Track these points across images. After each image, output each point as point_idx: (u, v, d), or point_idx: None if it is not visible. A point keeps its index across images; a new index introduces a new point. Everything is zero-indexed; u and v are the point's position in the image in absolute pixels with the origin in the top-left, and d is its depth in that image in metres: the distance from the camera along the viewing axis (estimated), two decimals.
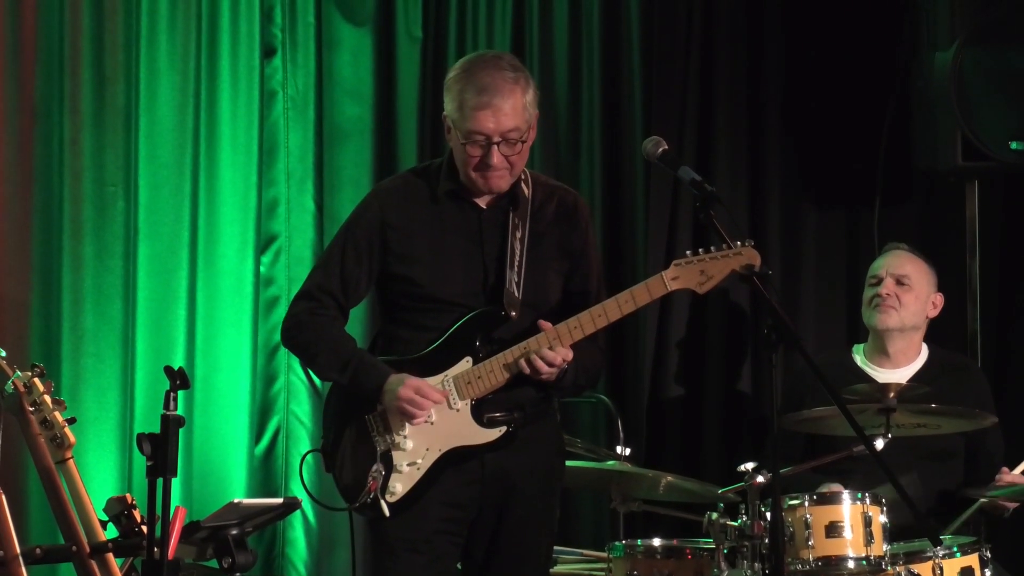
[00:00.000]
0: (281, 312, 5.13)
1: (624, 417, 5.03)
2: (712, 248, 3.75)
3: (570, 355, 3.77)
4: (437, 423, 3.77)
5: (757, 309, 5.48)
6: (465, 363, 3.79)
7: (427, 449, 3.77)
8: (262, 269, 5.34)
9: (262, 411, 5.34)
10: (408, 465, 3.76)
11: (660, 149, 3.79)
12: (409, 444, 3.77)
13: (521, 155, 3.80)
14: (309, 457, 4.06)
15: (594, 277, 3.97)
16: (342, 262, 3.88)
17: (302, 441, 5.34)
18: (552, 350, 3.74)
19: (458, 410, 3.78)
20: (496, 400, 3.80)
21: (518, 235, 3.83)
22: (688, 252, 3.81)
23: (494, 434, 3.78)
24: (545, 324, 3.79)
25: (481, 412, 3.80)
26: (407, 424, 3.77)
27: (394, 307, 3.90)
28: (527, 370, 3.76)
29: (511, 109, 3.73)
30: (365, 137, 5.50)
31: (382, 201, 3.91)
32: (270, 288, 5.37)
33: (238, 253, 5.27)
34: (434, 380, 3.79)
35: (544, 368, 3.76)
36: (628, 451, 4.72)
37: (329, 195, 5.46)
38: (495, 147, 3.74)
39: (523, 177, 3.91)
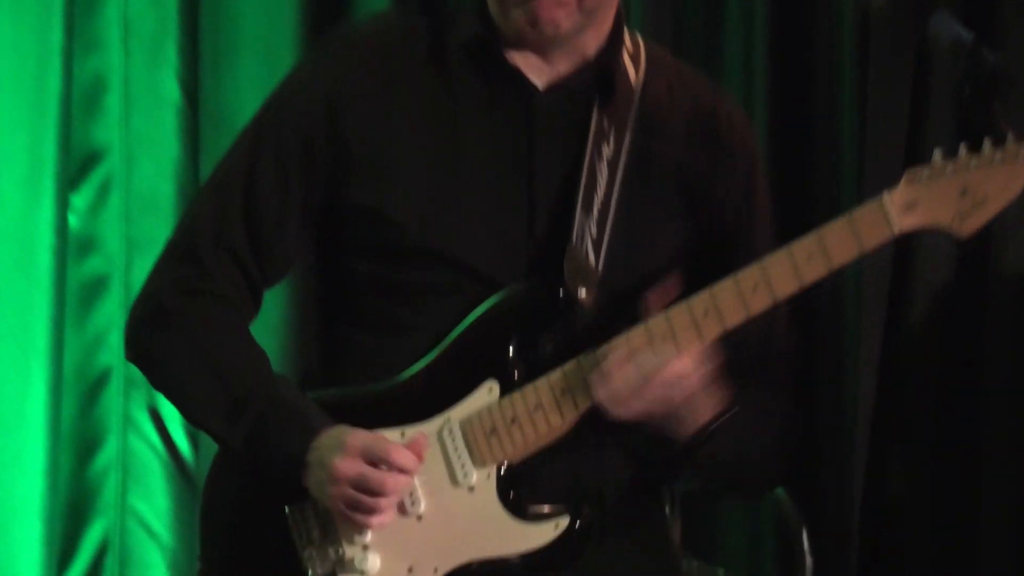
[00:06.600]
0: (108, 307, 5.24)
1: (814, 523, 4.93)
2: (985, 150, 3.66)
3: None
4: (429, 516, 3.80)
5: None
6: (486, 393, 3.84)
7: (409, 570, 3.81)
8: (72, 220, 5.52)
9: (72, 508, 5.51)
10: None
11: None
12: (373, 562, 3.81)
13: None
14: None
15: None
16: (250, 187, 3.84)
17: (153, 568, 5.52)
18: (679, 351, 3.61)
19: (471, 488, 3.82)
20: (545, 472, 3.80)
21: (606, 150, 3.87)
22: (938, 154, 3.69)
23: (541, 536, 3.78)
24: (655, 297, 3.69)
25: (518, 493, 3.82)
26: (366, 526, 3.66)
27: (350, 282, 3.87)
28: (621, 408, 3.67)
29: None
30: None
31: (336, 66, 3.88)
32: (88, 258, 5.56)
33: (23, 188, 5.48)
34: (427, 428, 3.81)
35: (665, 394, 3.64)
36: None
37: (211, 71, 5.59)
38: None
39: (626, 46, 3.87)
